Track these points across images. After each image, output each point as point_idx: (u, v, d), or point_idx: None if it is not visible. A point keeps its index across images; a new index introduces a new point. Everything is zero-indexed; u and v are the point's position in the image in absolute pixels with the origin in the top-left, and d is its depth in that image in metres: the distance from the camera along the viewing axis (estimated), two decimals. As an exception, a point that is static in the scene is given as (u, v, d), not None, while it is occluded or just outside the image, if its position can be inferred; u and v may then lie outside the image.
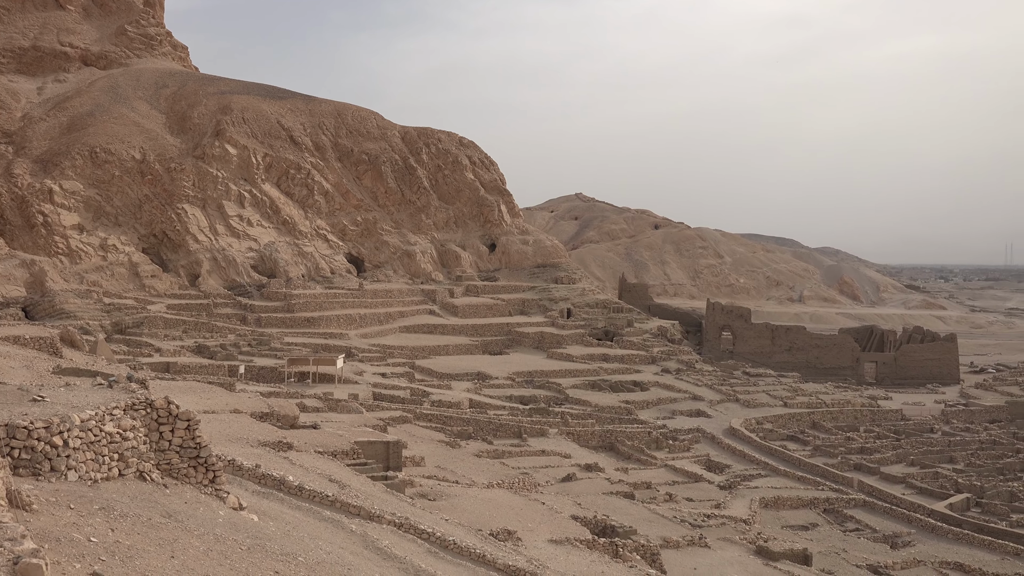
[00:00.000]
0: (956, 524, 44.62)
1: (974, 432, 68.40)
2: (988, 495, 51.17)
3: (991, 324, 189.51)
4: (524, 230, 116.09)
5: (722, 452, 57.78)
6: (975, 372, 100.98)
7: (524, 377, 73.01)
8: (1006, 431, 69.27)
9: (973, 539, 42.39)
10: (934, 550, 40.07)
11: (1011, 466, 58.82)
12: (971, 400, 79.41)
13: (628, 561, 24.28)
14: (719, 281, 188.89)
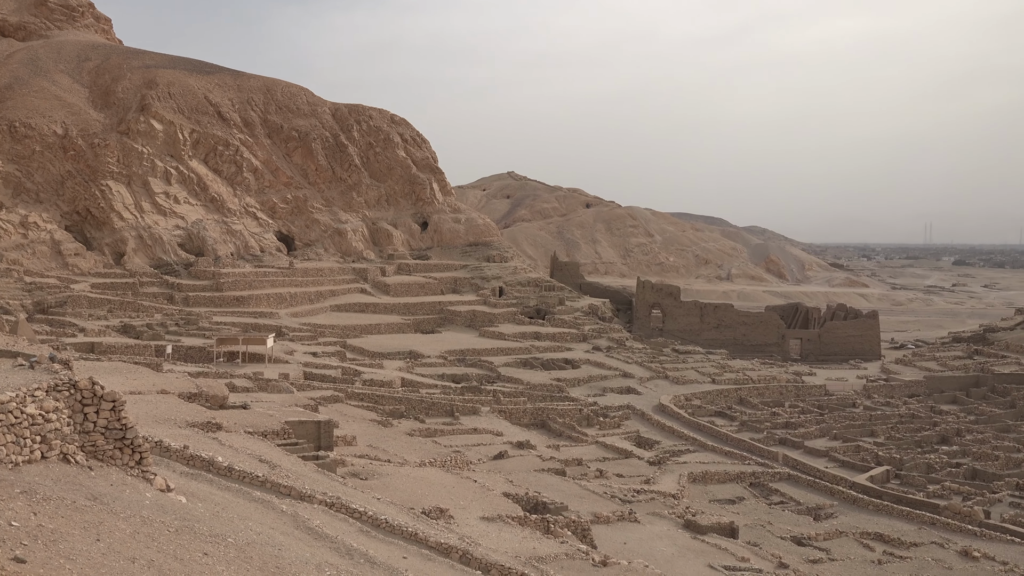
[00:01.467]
0: (876, 496, 45.95)
1: (894, 406, 70.40)
2: (907, 467, 52.78)
3: (911, 301, 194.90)
4: (456, 208, 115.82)
5: (652, 428, 58.59)
6: (895, 348, 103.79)
7: (456, 356, 73.05)
8: (924, 405, 71.43)
9: (892, 510, 43.70)
10: (855, 521, 41.21)
11: (928, 439, 60.74)
12: (891, 375, 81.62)
13: (559, 537, 24.54)
14: (649, 259, 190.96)
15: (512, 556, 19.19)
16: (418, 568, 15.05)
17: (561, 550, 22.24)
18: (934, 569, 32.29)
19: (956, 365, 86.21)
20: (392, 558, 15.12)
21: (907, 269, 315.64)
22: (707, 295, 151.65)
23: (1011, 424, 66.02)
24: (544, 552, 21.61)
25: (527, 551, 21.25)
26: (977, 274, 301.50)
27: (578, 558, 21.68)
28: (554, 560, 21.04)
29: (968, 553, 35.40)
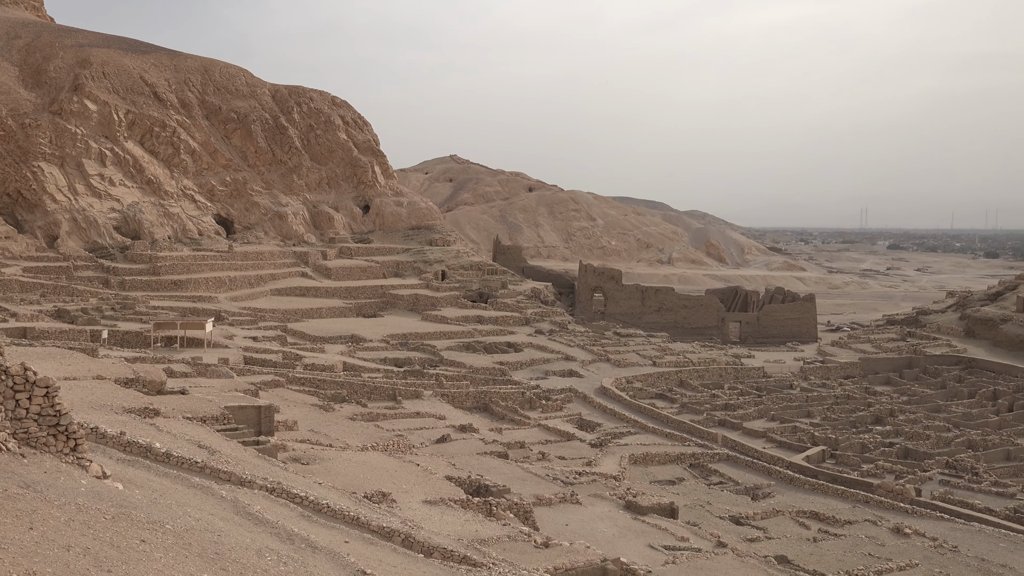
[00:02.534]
0: (812, 475, 46.91)
1: (830, 388, 71.84)
2: (842, 447, 53.95)
3: (847, 285, 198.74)
4: (398, 192, 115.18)
5: (593, 411, 59.04)
6: (832, 331, 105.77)
7: (399, 339, 72.82)
8: (859, 386, 73.02)
9: (827, 489, 44.68)
10: (792, 500, 42.03)
11: (863, 419, 62.13)
12: (828, 357, 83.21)
13: (502, 519, 24.66)
14: (591, 243, 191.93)
15: (454, 539, 19.25)
16: (360, 552, 15.02)
17: (503, 532, 22.36)
18: (867, 546, 33.06)
19: (890, 347, 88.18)
20: (334, 542, 15.08)
21: (843, 253, 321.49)
22: (648, 279, 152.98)
23: (942, 404, 67.80)
24: (486, 534, 21.70)
25: (469, 534, 21.33)
26: (911, 258, 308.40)
27: (520, 540, 21.81)
28: (496, 542, 21.14)
29: (900, 530, 36.32)
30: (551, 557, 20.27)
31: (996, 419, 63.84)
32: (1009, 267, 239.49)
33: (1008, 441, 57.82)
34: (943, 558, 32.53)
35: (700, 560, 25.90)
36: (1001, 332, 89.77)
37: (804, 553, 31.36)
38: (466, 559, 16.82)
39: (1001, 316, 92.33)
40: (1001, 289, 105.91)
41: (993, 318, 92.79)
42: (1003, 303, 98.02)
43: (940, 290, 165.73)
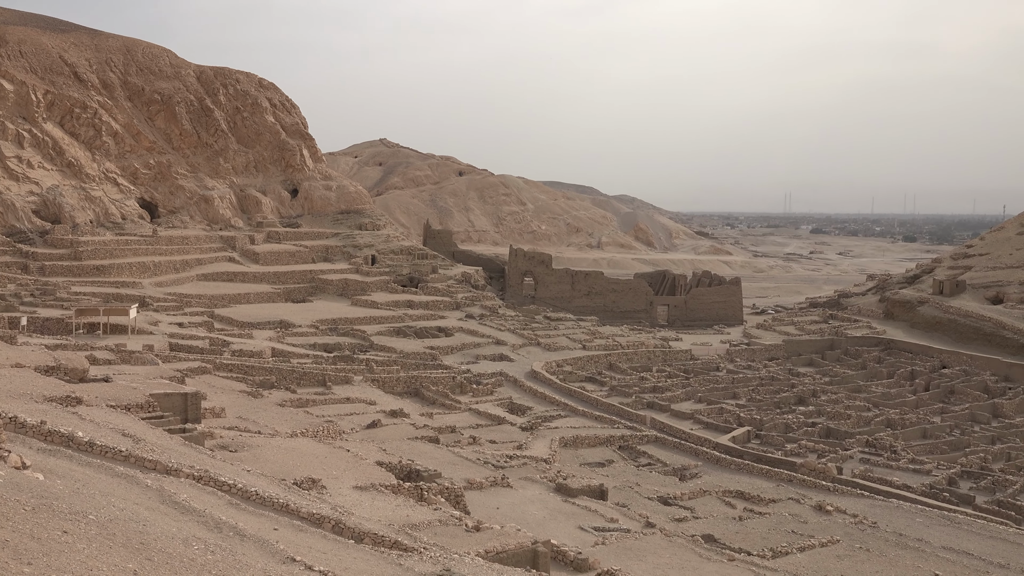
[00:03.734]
0: (738, 455, 47.84)
1: (755, 369, 73.23)
2: (766, 427, 55.08)
3: (771, 268, 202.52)
4: (327, 175, 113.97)
5: (524, 395, 59.35)
6: (757, 313, 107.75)
7: (328, 325, 72.23)
8: (783, 368, 74.56)
9: (753, 468, 45.61)
10: (718, 480, 42.81)
11: (787, 400, 63.49)
12: (753, 340, 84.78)
13: (433, 504, 24.68)
14: (522, 228, 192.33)
15: (386, 524, 19.23)
16: (289, 539, 14.93)
17: (435, 517, 22.39)
18: (791, 523, 33.85)
19: (813, 329, 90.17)
20: (263, 530, 14.96)
21: (768, 237, 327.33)
22: (578, 263, 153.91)
23: (862, 384, 69.59)
24: (418, 519, 21.72)
25: (401, 519, 21.32)
26: (833, 242, 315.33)
27: (452, 524, 21.87)
28: (428, 527, 21.17)
29: (822, 507, 37.25)
30: (482, 540, 20.38)
31: (913, 399, 65.78)
32: (926, 251, 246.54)
33: (925, 420, 59.64)
34: (863, 534, 33.47)
35: (629, 541, 26.26)
36: (918, 314, 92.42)
37: (730, 531, 31.99)
38: (397, 544, 16.82)
39: (918, 298, 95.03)
40: (919, 272, 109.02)
41: (911, 300, 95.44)
42: (920, 286, 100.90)
43: (861, 273, 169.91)
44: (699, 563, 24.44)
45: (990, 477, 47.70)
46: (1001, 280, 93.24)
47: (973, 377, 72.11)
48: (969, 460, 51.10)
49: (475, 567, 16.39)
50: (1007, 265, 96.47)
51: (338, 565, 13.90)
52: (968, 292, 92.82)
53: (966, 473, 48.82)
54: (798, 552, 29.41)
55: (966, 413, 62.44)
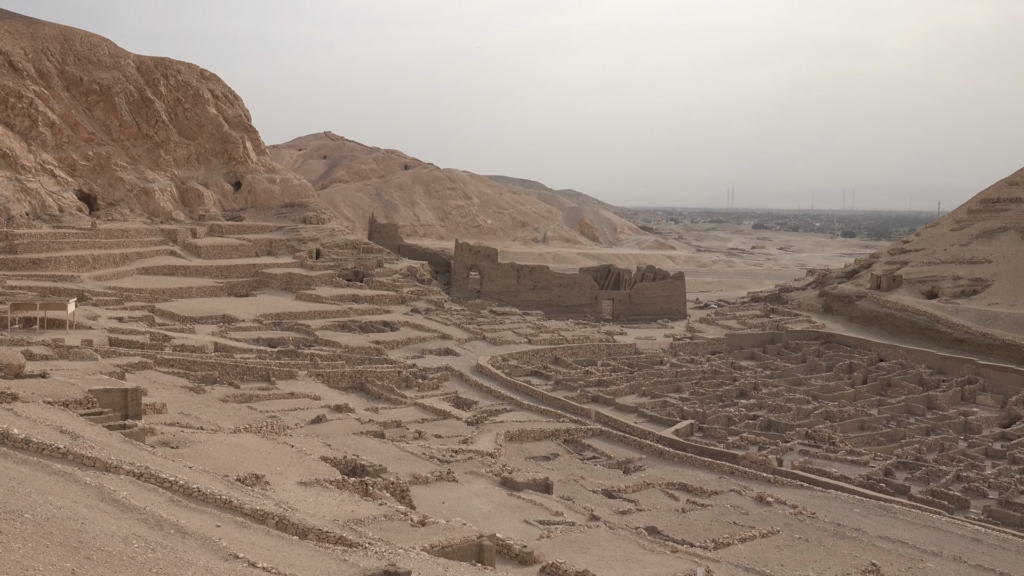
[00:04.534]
0: (681, 448, 48.39)
1: (698, 363, 74.07)
2: (709, 420, 55.77)
3: (714, 263, 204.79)
4: (271, 168, 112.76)
5: (470, 389, 59.38)
6: (700, 308, 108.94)
7: (272, 319, 71.52)
8: (725, 361, 75.53)
9: (696, 461, 46.17)
10: (662, 472, 43.26)
11: (729, 393, 64.34)
12: (696, 334, 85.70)
13: (378, 499, 24.62)
14: (467, 222, 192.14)
15: (330, 520, 19.15)
16: (232, 536, 14.80)
17: (380, 512, 22.34)
18: (733, 515, 34.34)
19: (754, 323, 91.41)
20: (205, 527, 14.81)
21: (711, 232, 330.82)
22: (524, 257, 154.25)
23: (802, 378, 70.78)
24: (363, 515, 21.65)
25: (345, 514, 21.24)
26: (774, 237, 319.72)
27: (397, 519, 21.85)
28: (373, 522, 21.12)
29: (763, 499, 37.84)
30: (428, 535, 20.39)
31: (851, 391, 67.07)
32: (864, 246, 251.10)
33: (862, 412, 60.85)
34: (802, 524, 34.07)
35: (574, 534, 26.45)
36: (856, 308, 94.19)
37: (673, 523, 32.36)
38: (342, 540, 16.76)
39: (856, 293, 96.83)
40: (857, 267, 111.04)
41: (849, 295, 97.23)
42: (858, 280, 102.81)
43: (801, 268, 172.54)
44: (643, 555, 24.70)
45: (924, 467, 48.86)
46: (936, 275, 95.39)
47: (909, 370, 73.72)
48: (904, 451, 52.27)
49: (420, 562, 16.40)
50: (941, 260, 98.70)
51: (282, 561, 13.82)
52: (904, 287, 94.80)
53: (902, 464, 49.94)
54: (739, 543, 29.84)
55: (902, 405, 63.83)
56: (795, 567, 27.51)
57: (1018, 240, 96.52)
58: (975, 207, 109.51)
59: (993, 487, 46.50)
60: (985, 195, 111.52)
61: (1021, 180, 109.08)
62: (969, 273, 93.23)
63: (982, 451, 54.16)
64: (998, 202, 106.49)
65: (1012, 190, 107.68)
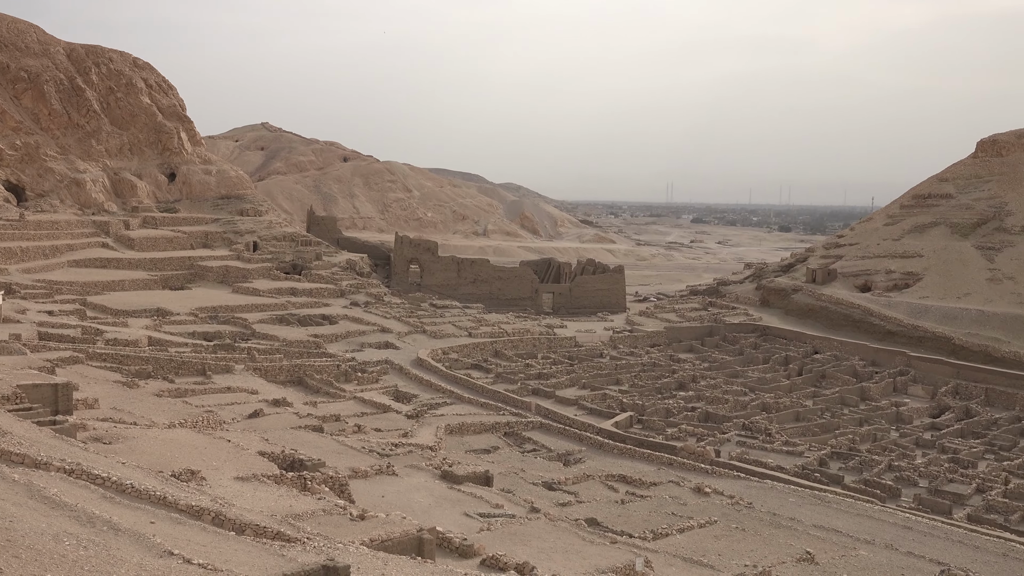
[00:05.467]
0: (621, 440, 48.72)
1: (637, 356, 74.67)
2: (648, 412, 56.26)
3: (654, 257, 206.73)
4: (207, 159, 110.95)
5: (410, 382, 59.13)
6: (639, 301, 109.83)
7: (208, 312, 70.44)
8: (664, 354, 76.26)
9: (635, 453, 46.54)
10: (601, 464, 43.52)
11: (668, 385, 64.98)
12: (635, 327, 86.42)
13: (317, 493, 24.39)
14: (407, 215, 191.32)
15: (268, 515, 18.91)
16: (167, 532, 14.54)
17: (319, 506, 22.13)
18: (671, 506, 34.69)
19: (693, 316, 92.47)
20: (139, 523, 14.52)
21: (650, 226, 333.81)
22: (464, 250, 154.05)
23: (739, 370, 71.77)
24: (301, 509, 21.43)
25: (283, 509, 21.00)
26: (712, 231, 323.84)
27: (336, 513, 21.66)
28: (311, 517, 20.91)
29: (701, 489, 38.29)
30: (367, 529, 20.24)
31: (787, 383, 68.20)
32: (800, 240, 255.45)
33: (798, 403, 61.90)
34: (739, 514, 34.55)
35: (514, 526, 26.48)
36: (792, 301, 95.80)
37: (613, 515, 32.58)
38: (280, 535, 16.56)
39: (792, 286, 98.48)
40: (793, 261, 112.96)
41: (785, 288, 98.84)
42: (794, 274, 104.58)
43: (739, 262, 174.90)
44: (582, 546, 24.82)
45: (858, 457, 49.88)
46: (869, 269, 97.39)
47: (843, 362, 75.19)
48: (839, 441, 53.31)
49: (360, 556, 16.27)
50: (875, 255, 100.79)
51: (218, 557, 13.61)
52: (839, 280, 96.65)
53: (836, 454, 50.92)
54: (677, 533, 30.15)
55: (836, 396, 65.10)
56: (732, 556, 27.89)
57: (948, 235, 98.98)
58: (907, 203, 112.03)
59: (923, 476, 47.65)
60: (916, 191, 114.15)
61: (951, 176, 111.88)
62: (901, 267, 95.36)
63: (913, 441, 55.50)
64: (929, 198, 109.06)
65: (942, 186, 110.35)
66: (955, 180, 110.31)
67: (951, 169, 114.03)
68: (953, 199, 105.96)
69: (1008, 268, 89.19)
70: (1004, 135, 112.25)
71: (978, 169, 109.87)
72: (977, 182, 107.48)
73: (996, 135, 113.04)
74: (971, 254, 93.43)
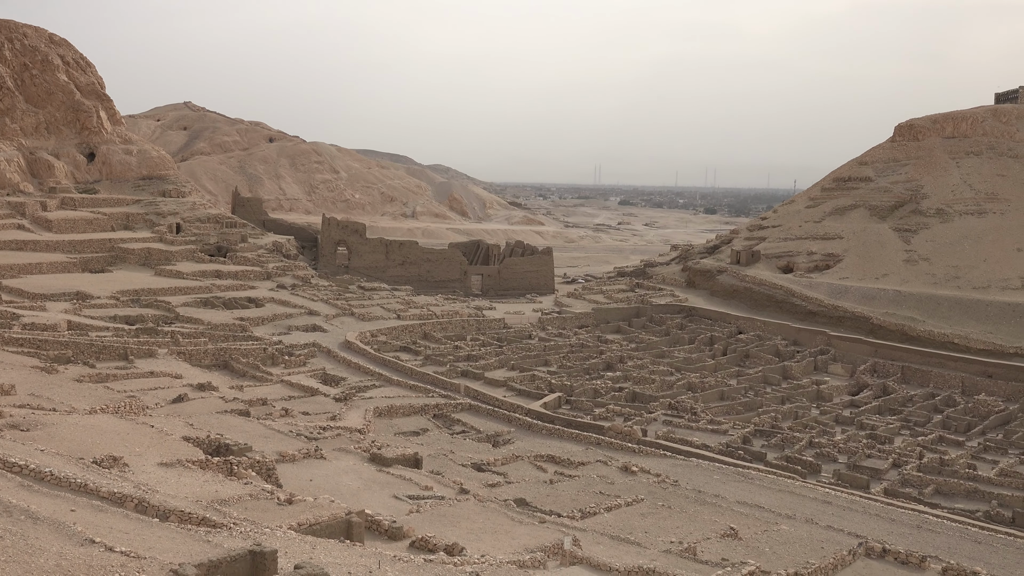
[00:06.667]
0: (549, 420, 49.11)
1: (566, 337, 75.19)
2: (576, 393, 56.76)
3: (582, 239, 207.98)
4: (127, 139, 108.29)
5: (338, 365, 58.71)
6: (568, 282, 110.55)
7: (130, 296, 68.96)
8: (592, 335, 76.92)
9: (563, 433, 46.95)
10: (530, 445, 43.82)
11: (595, 366, 65.60)
12: (564, 308, 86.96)
13: (243, 478, 24.11)
14: (335, 196, 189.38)
15: (193, 501, 18.65)
16: (88, 520, 14.26)
17: (245, 491, 21.90)
18: (599, 485, 35.08)
19: (620, 298, 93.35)
20: (58, 512, 14.21)
21: (579, 208, 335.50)
22: (392, 232, 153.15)
23: (666, 350, 72.75)
24: (227, 494, 21.18)
25: (209, 495, 20.74)
26: (639, 213, 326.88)
27: (263, 498, 21.45)
28: (238, 502, 20.68)
29: (628, 468, 38.81)
30: (295, 513, 20.10)
31: (712, 363, 69.37)
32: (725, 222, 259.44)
33: (722, 383, 63.07)
34: (665, 492, 35.12)
35: (443, 507, 26.53)
36: (717, 282, 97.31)
37: (541, 495, 32.84)
38: (205, 520, 16.36)
39: (717, 268, 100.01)
40: (718, 243, 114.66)
41: (711, 269, 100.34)
42: (719, 256, 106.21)
43: (665, 244, 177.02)
44: (511, 526, 24.98)
45: (780, 435, 51.05)
46: (791, 250, 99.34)
47: (766, 342, 76.72)
48: (761, 419, 54.49)
49: (287, 540, 16.17)
50: (797, 236, 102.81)
51: (141, 545, 13.40)
52: (762, 262, 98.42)
53: (759, 432, 52.04)
54: (605, 512, 30.53)
55: (759, 375, 66.45)
56: (658, 533, 28.35)
57: (867, 217, 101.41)
58: (828, 185, 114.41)
59: (842, 452, 48.97)
60: (837, 174, 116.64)
61: (870, 160, 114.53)
62: (822, 248, 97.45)
63: (833, 418, 56.99)
64: (849, 180, 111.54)
65: (861, 169, 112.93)
66: (874, 164, 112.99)
67: (870, 153, 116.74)
68: (872, 182, 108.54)
69: (923, 250, 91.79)
70: (920, 120, 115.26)
71: (895, 153, 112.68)
72: (895, 166, 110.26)
73: (913, 120, 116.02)
74: (889, 236, 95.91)
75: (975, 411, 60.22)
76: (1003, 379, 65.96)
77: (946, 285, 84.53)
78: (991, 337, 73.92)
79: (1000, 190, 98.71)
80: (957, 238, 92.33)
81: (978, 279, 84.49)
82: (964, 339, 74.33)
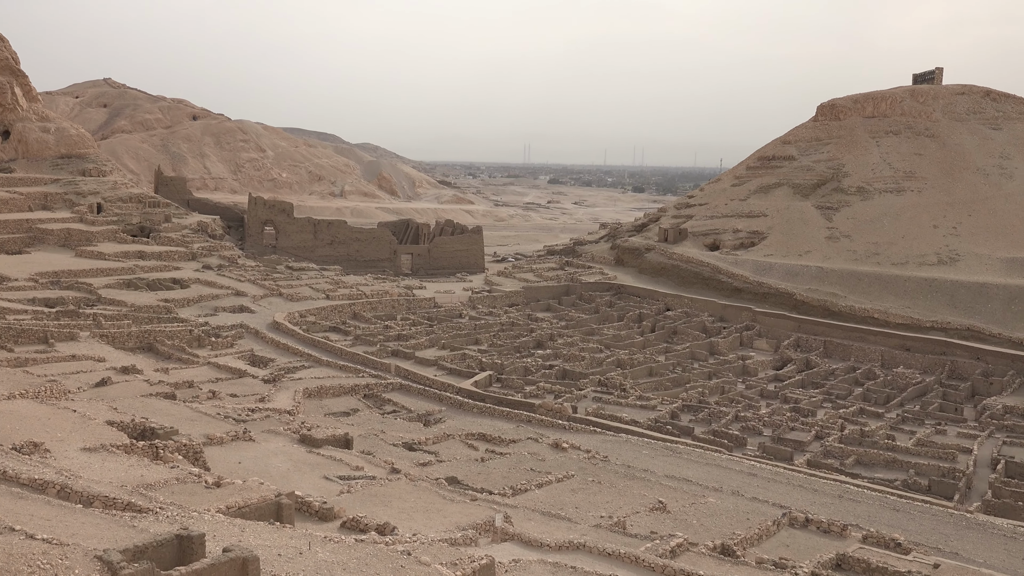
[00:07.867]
0: (480, 399, 49.27)
1: (496, 316, 75.37)
2: (507, 371, 57.00)
3: (512, 217, 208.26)
4: (44, 116, 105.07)
5: (266, 346, 58.04)
6: (498, 261, 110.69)
7: (49, 278, 67.13)
8: (522, 313, 77.23)
9: (495, 411, 47.15)
10: (461, 424, 43.94)
11: (526, 344, 65.90)
12: (494, 287, 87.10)
13: (170, 462, 23.78)
14: (261, 175, 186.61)
15: (118, 486, 18.35)
16: (8, 508, 13.94)
17: (172, 475, 21.61)
18: (530, 462, 35.36)
19: (550, 276, 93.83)
20: (-23, 500, 13.87)
21: (508, 187, 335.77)
22: (321, 212, 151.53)
23: (595, 328, 73.40)
24: (153, 479, 20.88)
25: (134, 479, 20.42)
26: (569, 192, 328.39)
27: (190, 482, 21.21)
28: (164, 486, 20.41)
29: (558, 445, 39.17)
30: (223, 496, 19.91)
31: (641, 339, 70.22)
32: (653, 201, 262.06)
33: (651, 359, 63.88)
34: (595, 467, 35.56)
35: (375, 487, 26.50)
36: (645, 260, 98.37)
37: (473, 473, 33.00)
38: (130, 505, 16.12)
39: (645, 246, 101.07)
40: (646, 221, 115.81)
41: (639, 248, 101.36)
42: (647, 234, 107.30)
43: (594, 222, 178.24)
44: (443, 505, 25.07)
45: (707, 410, 51.97)
46: (718, 228, 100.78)
47: (693, 318, 77.88)
48: (689, 395, 55.39)
49: (215, 524, 16.01)
50: (723, 215, 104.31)
51: (64, 531, 13.15)
52: (690, 240, 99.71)
53: (686, 407, 52.90)
54: (536, 488, 30.81)
55: (687, 352, 67.46)
56: (588, 508, 28.71)
57: (790, 195, 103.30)
58: (753, 164, 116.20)
59: (767, 425, 50.08)
60: (762, 153, 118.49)
61: (793, 139, 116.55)
62: (747, 226, 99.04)
63: (758, 392, 58.19)
64: (773, 159, 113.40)
65: (785, 148, 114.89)
66: (797, 143, 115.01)
67: (793, 132, 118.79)
68: (795, 161, 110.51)
69: (845, 227, 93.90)
70: (842, 100, 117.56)
71: (818, 132, 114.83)
72: (817, 144, 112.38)
73: (834, 100, 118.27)
74: (812, 213, 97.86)
75: (894, 383, 62.01)
76: (920, 352, 68.03)
77: (866, 261, 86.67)
78: (909, 311, 76.14)
79: (917, 168, 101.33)
80: (877, 215, 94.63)
81: (897, 255, 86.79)
82: (883, 314, 76.43)
